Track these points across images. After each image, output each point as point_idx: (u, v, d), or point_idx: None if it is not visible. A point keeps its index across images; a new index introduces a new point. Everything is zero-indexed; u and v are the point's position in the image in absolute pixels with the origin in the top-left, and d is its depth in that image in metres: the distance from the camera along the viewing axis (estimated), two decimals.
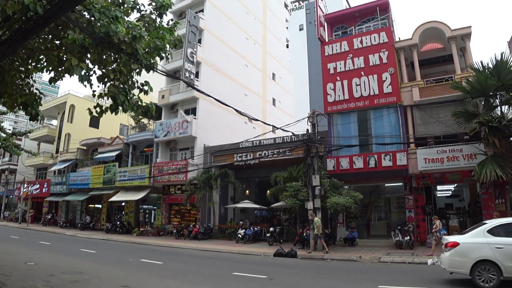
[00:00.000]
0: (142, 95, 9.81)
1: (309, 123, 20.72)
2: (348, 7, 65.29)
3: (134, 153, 33.31)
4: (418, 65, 22.42)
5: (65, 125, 42.27)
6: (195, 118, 28.76)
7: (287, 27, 49.80)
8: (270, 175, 23.22)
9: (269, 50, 41.65)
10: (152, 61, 8.99)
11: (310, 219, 19.29)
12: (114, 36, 7.80)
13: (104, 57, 8.44)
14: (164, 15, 9.36)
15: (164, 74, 9.15)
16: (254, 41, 38.92)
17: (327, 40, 24.89)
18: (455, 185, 24.26)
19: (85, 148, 39.50)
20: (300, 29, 66.74)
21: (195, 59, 29.00)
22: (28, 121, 11.15)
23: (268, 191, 24.28)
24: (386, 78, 22.07)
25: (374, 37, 23.14)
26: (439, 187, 24.03)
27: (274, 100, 40.69)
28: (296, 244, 20.97)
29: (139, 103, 10.10)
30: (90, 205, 38.01)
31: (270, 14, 43.78)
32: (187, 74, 28.17)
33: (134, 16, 9.41)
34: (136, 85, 9.86)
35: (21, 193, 41.03)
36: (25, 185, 41.54)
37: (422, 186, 21.21)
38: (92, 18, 7.64)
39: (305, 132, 20.99)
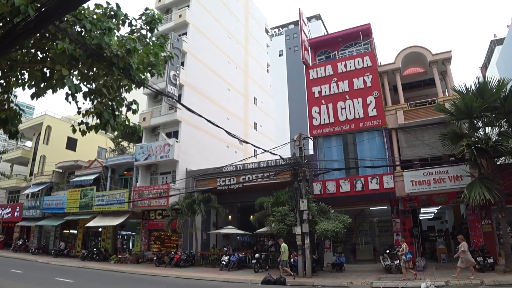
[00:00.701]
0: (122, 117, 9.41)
1: (295, 147, 20.46)
2: (326, 33, 66.86)
3: (113, 176, 32.31)
4: (401, 89, 22.73)
5: (41, 146, 40.91)
6: (177, 142, 28.21)
7: (267, 52, 50.14)
8: (254, 200, 22.82)
9: (250, 74, 41.76)
10: (143, 77, 8.63)
11: (298, 244, 18.81)
12: (107, 49, 7.43)
13: (95, 70, 8.01)
14: (155, 30, 9.03)
15: (154, 90, 8.74)
16: (236, 65, 38.98)
17: (311, 64, 25.05)
18: (439, 207, 24.32)
19: (61, 171, 38.15)
20: (280, 55, 67.66)
21: (178, 82, 28.73)
22: (7, 139, 10.24)
23: (252, 216, 23.79)
24: (371, 101, 22.28)
25: (358, 61, 23.48)
26: (422, 210, 24.03)
27: (255, 124, 40.55)
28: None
29: (126, 122, 9.66)
30: (64, 231, 36.37)
31: (252, 39, 44.11)
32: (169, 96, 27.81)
33: (124, 31, 9.05)
34: (124, 103, 9.42)
35: None
36: None
37: (409, 208, 21.15)
38: (83, 30, 7.26)
39: (291, 156, 20.69)
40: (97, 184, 32.19)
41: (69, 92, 9.57)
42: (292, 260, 19.93)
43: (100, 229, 32.60)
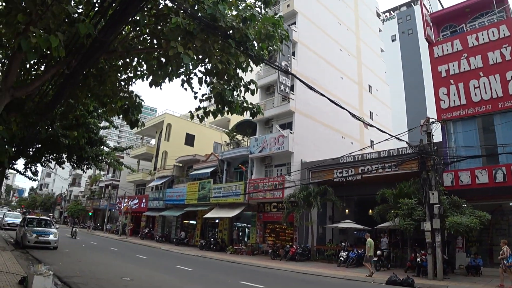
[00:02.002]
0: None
1: (422, 132, 18.35)
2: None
3: (229, 169, 32.99)
4: None
5: (162, 143, 43.75)
6: (291, 133, 27.58)
7: (380, 38, 47.18)
8: (373, 193, 21.23)
9: (364, 61, 39.54)
10: (262, 52, 7.90)
11: (427, 242, 16.86)
12: (221, 20, 6.81)
13: (210, 46, 7.48)
14: (270, 4, 8.26)
15: (274, 66, 8.04)
16: (348, 52, 37.16)
17: (435, 41, 22.47)
18: None
19: (181, 165, 40.33)
20: (392, 40, 63.62)
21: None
22: (130, 129, 10.40)
23: (371, 210, 22.16)
24: (511, 77, 19.07)
25: (493, 32, 20.34)
26: None
27: (371, 113, 38.28)
28: (408, 270, 18.53)
29: (245, 104, 9.10)
30: (184, 221, 38.46)
31: (363, 24, 41.74)
32: (282, 87, 27.39)
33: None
34: (241, 83, 8.84)
35: (122, 207, 42.97)
36: (126, 200, 43.53)
37: None
38: (196, 2, 6.76)
39: (419, 143, 18.56)
40: (213, 177, 33.19)
41: (185, 79, 9.35)
42: (419, 259, 17.96)
43: (217, 220, 33.58)
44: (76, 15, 6.31)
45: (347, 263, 20.97)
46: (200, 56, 7.90)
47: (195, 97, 9.22)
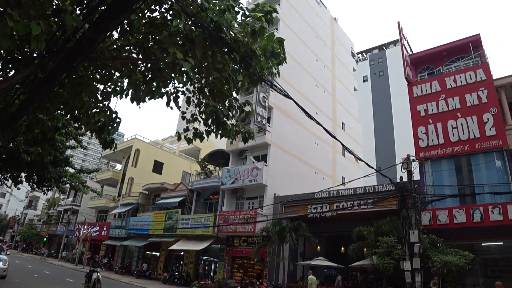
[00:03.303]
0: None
1: (403, 170, 18.12)
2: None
3: (198, 200, 31.83)
4: None
5: (129, 169, 42.17)
6: (266, 165, 26.96)
7: (354, 77, 48.17)
8: (346, 230, 20.90)
9: (338, 99, 39.97)
10: (271, 69, 7.31)
11: (407, 282, 16.29)
12: (227, 30, 6.20)
13: (210, 59, 6.81)
14: (270, 23, 7.73)
15: (278, 89, 7.46)
16: (324, 88, 37.47)
17: (414, 81, 22.81)
18: None
19: (147, 192, 38.77)
20: (364, 80, 65.19)
21: (267, 104, 27.90)
22: (98, 150, 9.27)
23: (343, 248, 21.52)
24: (488, 119, 19.40)
25: (470, 75, 20.83)
26: None
27: (343, 150, 38.30)
28: None
29: (236, 128, 8.43)
30: (147, 252, 36.48)
31: (338, 62, 42.51)
32: (259, 119, 26.93)
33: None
34: (237, 103, 8.20)
35: (81, 234, 40.53)
36: (85, 227, 41.16)
37: None
38: (200, 8, 6.13)
39: (398, 181, 18.32)
40: (182, 207, 31.86)
41: (171, 97, 8.64)
42: None
43: (182, 253, 32.03)
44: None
45: None
46: (196, 70, 7.19)
47: (183, 118, 8.57)
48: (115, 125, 8.83)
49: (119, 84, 8.91)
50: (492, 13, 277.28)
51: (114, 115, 8.73)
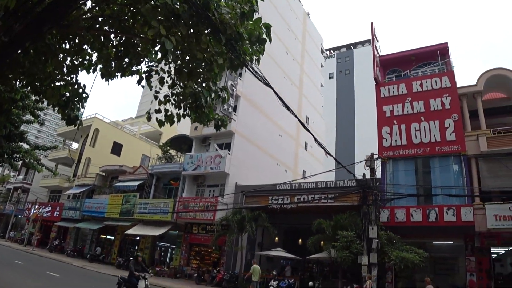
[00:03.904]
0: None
1: (366, 167, 18.49)
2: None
3: (158, 185, 31.19)
4: (483, 113, 20.57)
5: (87, 149, 40.80)
6: (229, 154, 26.78)
7: (322, 73, 48.72)
8: (305, 222, 21.18)
9: (304, 93, 40.25)
10: (252, 56, 7.10)
11: (364, 276, 16.70)
12: (215, 10, 5.96)
13: (194, 37, 6.52)
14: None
15: (261, 79, 7.29)
16: (292, 81, 37.61)
17: (382, 82, 23.29)
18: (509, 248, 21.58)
19: (104, 174, 37.60)
20: (330, 77, 66.06)
21: (235, 92, 27.63)
22: (66, 125, 8.65)
23: (300, 240, 21.74)
24: (449, 124, 20.24)
25: (436, 81, 21.62)
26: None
27: (306, 144, 38.76)
28: None
29: (212, 114, 8.14)
30: (101, 236, 35.45)
31: (307, 57, 42.79)
32: (225, 107, 26.56)
33: None
34: (217, 88, 7.95)
35: (31, 214, 38.75)
36: (36, 206, 39.34)
37: (487, 246, 18.57)
38: None
39: (361, 177, 18.68)
40: (140, 191, 31.12)
41: (144, 76, 8.28)
42: None
43: (137, 238, 31.40)
44: None
45: None
46: (178, 49, 6.87)
47: (156, 97, 8.21)
48: (82, 100, 8.34)
49: (87, 58, 8.40)
50: (460, 26, 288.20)
51: (81, 90, 8.25)
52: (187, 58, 7.06)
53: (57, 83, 8.13)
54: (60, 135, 48.41)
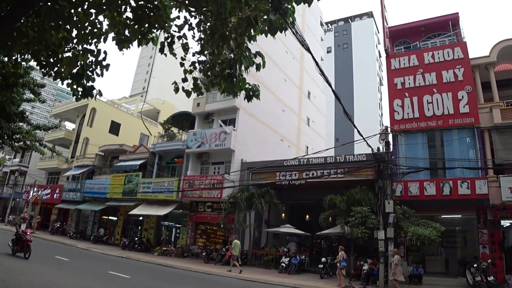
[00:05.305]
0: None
1: (380, 141, 18.05)
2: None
3: (160, 163, 30.58)
4: (495, 85, 20.10)
5: (84, 129, 39.89)
6: (234, 130, 26.15)
7: (321, 47, 47.81)
8: (314, 198, 21.17)
9: (305, 67, 39.42)
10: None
11: (380, 251, 16.47)
12: None
13: None
14: None
15: (301, 39, 6.62)
16: (293, 55, 36.76)
17: (392, 54, 22.67)
18: None
19: (103, 154, 36.91)
20: (328, 52, 65.03)
21: None
22: (82, 97, 7.66)
23: (308, 216, 21.42)
24: (463, 96, 19.77)
25: (448, 52, 20.98)
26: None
27: (308, 119, 38.20)
28: (352, 279, 18.08)
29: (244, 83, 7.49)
30: (103, 217, 35.01)
31: (308, 30, 41.71)
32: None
33: None
34: (250, 53, 7.25)
35: (30, 197, 38.11)
36: (35, 189, 38.66)
37: (499, 219, 18.37)
38: None
39: (376, 151, 18.24)
40: (142, 170, 30.56)
41: (167, 42, 7.52)
42: (366, 268, 17.56)
43: (141, 218, 31.02)
44: None
45: (289, 270, 20.02)
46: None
47: (182, 64, 7.51)
48: (103, 69, 7.48)
49: (98, 25, 7.56)
50: None
51: (102, 57, 7.40)
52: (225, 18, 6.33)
53: (67, 53, 7.35)
54: (56, 116, 47.26)
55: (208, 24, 6.83)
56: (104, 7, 6.97)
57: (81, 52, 7.29)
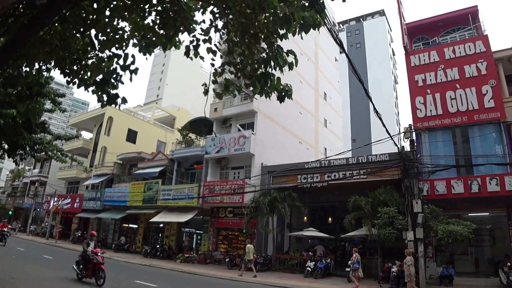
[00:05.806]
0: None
1: (405, 140, 17.68)
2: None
3: (179, 170, 30.54)
4: None
5: (102, 138, 40.17)
6: (253, 134, 25.98)
7: (335, 47, 47.45)
8: (337, 200, 20.99)
9: (320, 68, 39.14)
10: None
11: (406, 252, 16.05)
12: None
13: None
14: None
15: (335, 36, 6.40)
16: (308, 57, 36.47)
17: (411, 50, 22.28)
18: None
19: (122, 162, 37.04)
20: (340, 52, 64.37)
21: None
22: (107, 104, 7.44)
23: (330, 218, 21.13)
24: (487, 91, 19.30)
25: (469, 46, 20.53)
26: None
27: (325, 120, 37.85)
28: (381, 281, 17.68)
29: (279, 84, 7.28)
30: (124, 225, 35.10)
31: (321, 30, 41.47)
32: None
33: None
34: (283, 52, 7.04)
35: (51, 206, 38.39)
36: (55, 199, 38.96)
37: None
38: None
39: (400, 150, 17.88)
40: (161, 177, 30.56)
41: (192, 45, 7.31)
42: (394, 270, 17.12)
43: (161, 225, 30.99)
44: None
45: (315, 274, 19.69)
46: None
47: (212, 65, 7.30)
48: (132, 73, 7.25)
49: (119, 32, 7.40)
50: None
51: (130, 61, 7.20)
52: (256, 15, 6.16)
53: (91, 60, 7.21)
54: (73, 125, 47.77)
55: (237, 25, 6.64)
56: (126, 13, 6.85)
57: (106, 58, 7.15)
